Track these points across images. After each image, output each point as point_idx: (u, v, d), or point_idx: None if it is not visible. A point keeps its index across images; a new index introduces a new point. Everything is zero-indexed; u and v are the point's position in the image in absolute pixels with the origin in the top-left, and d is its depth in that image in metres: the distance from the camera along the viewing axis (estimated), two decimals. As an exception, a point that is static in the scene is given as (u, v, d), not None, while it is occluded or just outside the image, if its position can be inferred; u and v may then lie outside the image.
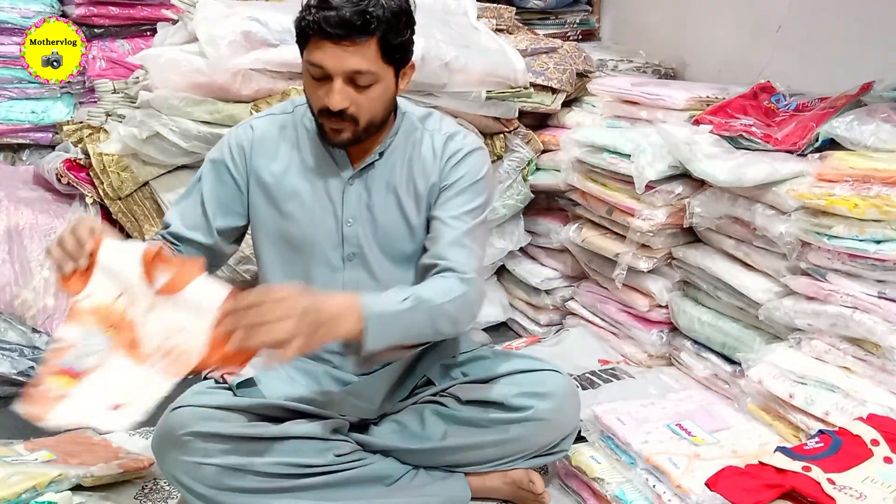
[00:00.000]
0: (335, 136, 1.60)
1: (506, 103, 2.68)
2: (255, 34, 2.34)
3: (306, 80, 1.59)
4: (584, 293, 2.61)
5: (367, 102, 1.57)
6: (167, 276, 1.41)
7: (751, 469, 1.46)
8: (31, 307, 2.29)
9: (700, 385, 2.18)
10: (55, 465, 1.74)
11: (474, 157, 1.72)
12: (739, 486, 1.42)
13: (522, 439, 1.72)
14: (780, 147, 2.08)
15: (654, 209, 2.23)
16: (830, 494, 1.36)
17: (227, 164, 1.71)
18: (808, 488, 1.37)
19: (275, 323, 1.29)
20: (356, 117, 1.57)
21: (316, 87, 1.57)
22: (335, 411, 1.70)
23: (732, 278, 2.07)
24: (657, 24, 3.27)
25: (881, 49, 2.25)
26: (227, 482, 1.54)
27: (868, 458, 1.47)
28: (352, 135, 1.60)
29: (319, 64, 1.53)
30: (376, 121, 1.62)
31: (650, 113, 2.49)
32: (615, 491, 1.70)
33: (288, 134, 1.74)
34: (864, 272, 1.76)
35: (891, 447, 1.49)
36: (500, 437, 1.72)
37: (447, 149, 1.71)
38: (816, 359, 1.83)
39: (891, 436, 1.51)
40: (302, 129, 1.73)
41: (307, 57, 1.56)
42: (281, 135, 1.73)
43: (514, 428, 1.71)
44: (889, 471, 1.45)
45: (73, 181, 2.42)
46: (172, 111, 2.29)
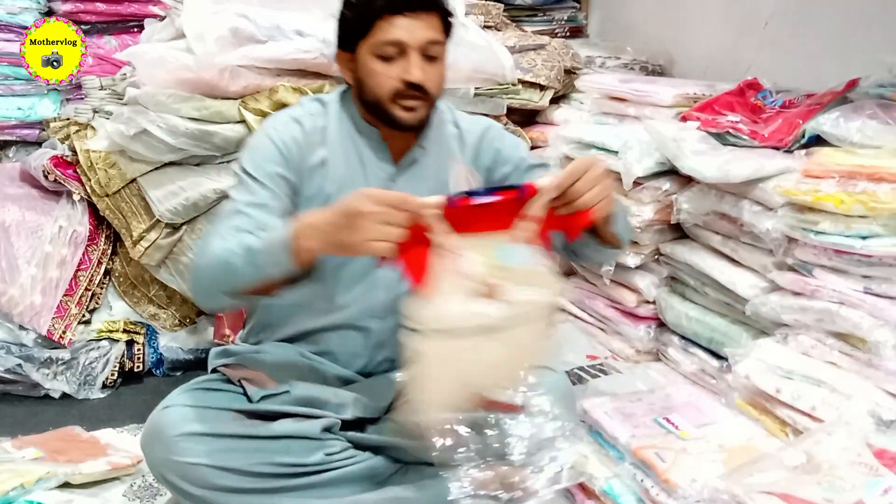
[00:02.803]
0: (409, 115, 1.61)
1: (494, 100, 2.69)
2: (242, 30, 2.34)
3: (372, 66, 1.60)
4: (573, 289, 2.61)
5: (436, 76, 1.62)
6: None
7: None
8: (18, 304, 2.28)
9: (687, 380, 2.18)
10: (43, 463, 1.74)
11: (504, 134, 1.83)
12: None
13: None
14: (767, 143, 2.09)
15: (642, 205, 2.24)
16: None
17: (280, 172, 1.64)
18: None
19: (596, 185, 1.38)
20: (430, 92, 1.60)
21: (386, 68, 1.59)
22: (343, 411, 1.70)
23: (719, 274, 2.08)
24: (645, 20, 3.28)
25: (867, 46, 2.26)
26: (217, 482, 1.53)
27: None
28: (425, 113, 1.63)
29: (396, 39, 1.56)
30: (439, 99, 1.66)
31: (638, 110, 2.50)
32: (603, 486, 1.71)
33: (330, 133, 1.71)
34: (850, 268, 1.77)
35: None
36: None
37: (478, 136, 1.78)
38: (803, 354, 1.83)
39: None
40: (345, 126, 1.72)
41: (378, 38, 1.57)
42: (324, 133, 1.71)
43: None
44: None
45: (61, 178, 2.42)
46: (160, 108, 2.29)
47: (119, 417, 2.20)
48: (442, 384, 1.45)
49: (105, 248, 2.48)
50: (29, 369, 2.26)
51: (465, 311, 1.41)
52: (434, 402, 1.46)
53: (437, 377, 1.45)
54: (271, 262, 1.43)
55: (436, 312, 1.40)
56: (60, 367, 2.29)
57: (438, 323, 1.40)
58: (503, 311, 1.43)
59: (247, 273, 1.46)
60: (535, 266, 1.43)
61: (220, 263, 1.49)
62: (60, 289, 2.35)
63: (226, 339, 2.39)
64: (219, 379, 1.70)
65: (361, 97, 1.67)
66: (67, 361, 2.30)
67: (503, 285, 1.42)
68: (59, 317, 2.32)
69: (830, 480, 1.44)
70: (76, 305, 2.36)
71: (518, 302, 1.44)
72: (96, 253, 2.45)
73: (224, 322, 2.43)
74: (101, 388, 2.32)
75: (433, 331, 1.40)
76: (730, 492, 1.42)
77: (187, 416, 1.58)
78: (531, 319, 1.46)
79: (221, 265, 1.49)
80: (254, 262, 1.45)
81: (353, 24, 1.61)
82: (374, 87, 1.61)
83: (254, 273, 1.46)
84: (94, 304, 2.43)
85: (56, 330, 2.30)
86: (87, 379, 2.30)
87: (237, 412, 1.63)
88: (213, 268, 1.52)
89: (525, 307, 1.45)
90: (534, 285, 1.45)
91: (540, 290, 1.45)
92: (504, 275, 1.42)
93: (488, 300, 1.42)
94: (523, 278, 1.44)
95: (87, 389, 2.30)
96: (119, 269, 2.50)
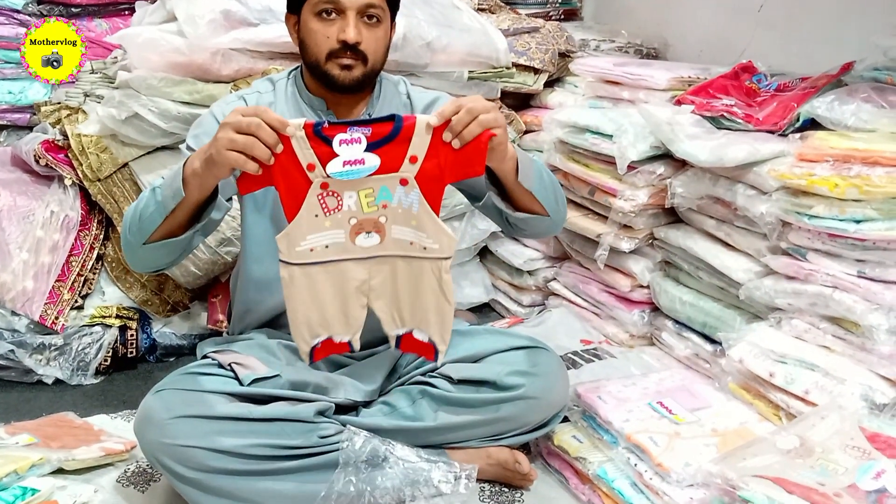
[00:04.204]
0: (345, 74, 1.69)
1: (488, 83, 2.68)
2: (234, 13, 2.32)
3: (311, 26, 1.68)
4: (567, 274, 2.61)
5: (374, 41, 1.69)
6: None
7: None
8: (10, 290, 2.27)
9: (681, 364, 2.19)
10: (36, 449, 1.74)
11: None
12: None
13: (513, 418, 1.74)
14: (762, 127, 2.08)
15: (636, 190, 2.23)
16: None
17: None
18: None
19: (486, 112, 1.40)
20: (366, 54, 1.68)
21: (324, 28, 1.67)
22: (335, 395, 1.70)
23: (713, 258, 2.08)
24: (639, 3, 3.27)
25: (862, 29, 2.26)
26: (211, 464, 1.53)
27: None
28: (361, 74, 1.69)
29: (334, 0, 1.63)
30: (377, 65, 1.73)
31: (632, 93, 2.49)
32: (597, 470, 1.71)
33: (278, 107, 1.77)
34: (844, 252, 1.77)
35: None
36: (491, 416, 1.73)
37: (426, 104, 1.83)
38: (796, 338, 1.84)
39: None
40: (291, 100, 1.79)
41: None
42: (271, 108, 1.73)
43: (506, 407, 1.72)
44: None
45: (52, 162, 2.40)
46: (151, 91, 2.27)
47: (112, 403, 2.19)
48: (304, 310, 1.50)
49: (97, 233, 2.46)
50: (21, 355, 2.25)
51: (324, 241, 1.46)
52: (299, 323, 1.51)
53: (298, 303, 1.50)
54: (169, 193, 1.49)
55: (293, 239, 1.45)
56: (53, 352, 2.28)
57: (292, 249, 1.45)
58: (371, 244, 1.47)
59: (153, 213, 1.53)
60: (418, 210, 1.45)
61: (135, 214, 1.57)
62: (52, 274, 2.34)
63: (219, 324, 2.38)
64: (210, 364, 1.71)
65: (304, 60, 1.74)
66: (60, 347, 2.29)
67: (377, 221, 1.45)
68: (51, 302, 2.31)
69: (824, 464, 1.44)
70: (68, 291, 2.35)
71: (393, 239, 1.48)
72: (88, 238, 2.44)
73: (217, 307, 2.43)
74: (95, 374, 2.32)
75: (290, 258, 1.46)
76: (723, 476, 1.42)
77: (180, 399, 1.58)
78: (409, 260, 1.49)
79: (136, 215, 1.57)
80: (156, 199, 1.52)
81: None
82: (312, 45, 1.69)
83: (158, 210, 1.52)
84: (87, 289, 2.42)
85: (48, 315, 2.29)
86: (80, 365, 2.29)
87: (230, 395, 1.63)
88: (129, 222, 1.59)
89: (400, 244, 1.48)
90: (415, 229, 1.47)
91: (419, 234, 1.47)
92: (382, 213, 1.45)
93: (360, 234, 1.46)
94: (402, 219, 1.46)
95: (80, 375, 2.29)
96: (111, 254, 2.48)
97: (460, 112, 1.39)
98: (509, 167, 1.55)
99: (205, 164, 1.42)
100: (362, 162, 1.39)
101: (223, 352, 1.74)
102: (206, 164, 1.42)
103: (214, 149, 1.37)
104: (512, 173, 1.56)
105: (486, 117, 1.40)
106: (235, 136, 1.35)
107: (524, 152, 1.61)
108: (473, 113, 1.39)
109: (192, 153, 1.53)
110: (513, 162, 1.55)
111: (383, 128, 1.38)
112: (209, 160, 1.40)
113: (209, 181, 1.47)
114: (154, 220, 1.53)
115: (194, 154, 1.47)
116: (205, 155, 1.42)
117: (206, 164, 1.42)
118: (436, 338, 1.55)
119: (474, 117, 1.39)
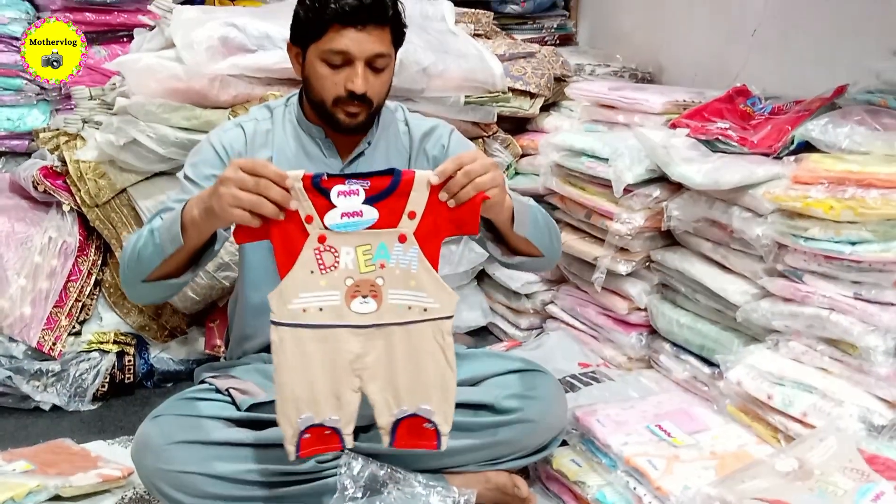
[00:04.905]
0: (351, 120, 1.68)
1: (484, 108, 2.69)
2: (232, 40, 2.33)
3: (318, 69, 1.65)
4: (564, 297, 2.61)
5: (379, 86, 1.68)
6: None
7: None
8: (7, 316, 2.27)
9: (679, 387, 2.18)
10: (33, 476, 1.73)
11: (453, 133, 1.87)
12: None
13: (511, 442, 1.73)
14: (756, 150, 2.09)
15: (633, 213, 2.24)
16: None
17: (216, 174, 1.62)
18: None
19: (484, 173, 1.39)
20: (371, 100, 1.66)
21: (332, 74, 1.64)
22: None
23: (710, 281, 2.08)
24: (634, 28, 3.29)
25: (855, 52, 2.28)
26: (208, 490, 1.53)
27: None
28: (365, 118, 1.69)
29: (343, 50, 1.61)
30: (381, 105, 1.73)
31: (627, 117, 2.50)
32: (595, 493, 1.71)
33: (276, 135, 1.77)
34: (840, 273, 1.77)
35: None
36: (490, 439, 1.71)
37: (423, 132, 1.84)
38: (794, 360, 1.84)
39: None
40: (289, 126, 1.78)
41: (326, 45, 1.62)
42: (269, 135, 1.77)
43: (504, 430, 1.71)
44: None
45: (50, 189, 2.41)
46: (149, 117, 2.28)
47: (109, 429, 2.18)
48: (292, 383, 1.42)
49: (95, 259, 2.47)
50: (19, 381, 2.25)
51: (318, 302, 1.39)
52: (286, 399, 1.42)
53: (287, 374, 1.41)
54: (167, 237, 1.48)
55: (286, 296, 1.39)
56: (50, 378, 2.28)
57: (284, 307, 1.39)
58: (367, 311, 1.41)
59: (152, 254, 1.52)
60: (417, 269, 1.41)
61: (133, 251, 1.56)
62: (50, 300, 2.34)
63: (217, 349, 2.38)
64: (207, 389, 1.70)
65: (308, 95, 1.73)
66: (58, 373, 2.28)
67: (374, 283, 1.40)
68: (49, 328, 2.31)
69: (822, 486, 1.44)
70: (66, 317, 2.35)
71: (390, 305, 1.42)
72: (86, 264, 2.44)
73: (215, 332, 2.43)
74: (92, 400, 2.31)
75: (281, 317, 1.39)
76: (722, 499, 1.42)
77: (177, 425, 1.58)
78: (408, 327, 1.43)
79: (134, 252, 1.56)
80: (154, 241, 1.51)
81: (305, 25, 1.65)
82: (318, 89, 1.68)
83: (156, 252, 1.51)
84: (85, 315, 2.42)
85: (46, 341, 2.29)
86: (77, 391, 2.29)
87: (227, 420, 1.62)
88: (128, 257, 1.58)
89: (397, 311, 1.42)
90: (414, 290, 1.42)
91: (418, 295, 1.42)
92: (379, 273, 1.40)
93: (357, 298, 1.41)
94: (400, 281, 1.41)
95: (77, 401, 2.28)
96: (109, 279, 2.48)
97: (457, 175, 1.37)
98: (505, 217, 1.55)
99: (205, 214, 1.40)
100: (360, 214, 1.37)
101: (221, 377, 1.73)
102: (206, 214, 1.40)
103: (217, 204, 1.35)
104: (508, 223, 1.56)
105: (483, 179, 1.39)
106: (240, 195, 1.32)
107: (520, 198, 1.61)
108: (470, 175, 1.38)
109: (190, 196, 1.50)
110: (509, 212, 1.54)
111: (381, 181, 1.36)
112: (209, 212, 1.39)
113: (208, 230, 1.46)
114: (153, 262, 1.52)
115: (192, 201, 1.45)
116: (204, 205, 1.40)
117: (206, 215, 1.40)
118: (438, 417, 1.46)
119: (471, 180, 1.38)
